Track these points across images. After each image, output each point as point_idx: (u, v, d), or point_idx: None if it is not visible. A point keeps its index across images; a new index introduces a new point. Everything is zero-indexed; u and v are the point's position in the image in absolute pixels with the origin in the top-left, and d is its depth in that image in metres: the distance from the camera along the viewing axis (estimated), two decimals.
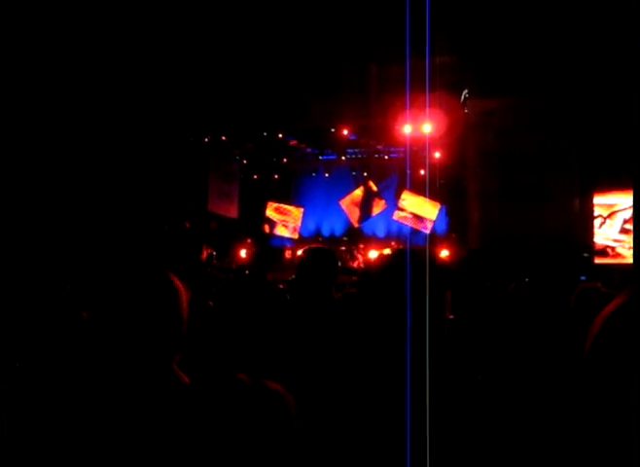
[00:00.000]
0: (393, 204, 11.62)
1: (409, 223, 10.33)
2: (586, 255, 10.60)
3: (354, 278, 7.81)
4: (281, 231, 11.10)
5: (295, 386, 1.44)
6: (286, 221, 10.97)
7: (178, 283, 1.58)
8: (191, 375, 1.55)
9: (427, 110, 10.09)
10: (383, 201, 11.00)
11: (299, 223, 10.98)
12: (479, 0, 9.06)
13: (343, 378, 1.60)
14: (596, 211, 10.94)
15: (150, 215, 10.34)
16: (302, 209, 11.16)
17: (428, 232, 10.32)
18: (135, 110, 9.97)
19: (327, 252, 2.76)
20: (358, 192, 11.01)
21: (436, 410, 1.44)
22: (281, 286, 5.87)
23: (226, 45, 10.13)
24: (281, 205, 11.12)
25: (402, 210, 10.33)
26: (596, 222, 10.93)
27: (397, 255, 1.66)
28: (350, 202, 10.91)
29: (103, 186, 9.41)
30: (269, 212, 11.05)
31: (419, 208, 10.25)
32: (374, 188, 11.04)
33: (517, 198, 10.99)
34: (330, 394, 1.59)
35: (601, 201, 10.97)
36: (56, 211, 8.64)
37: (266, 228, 11.32)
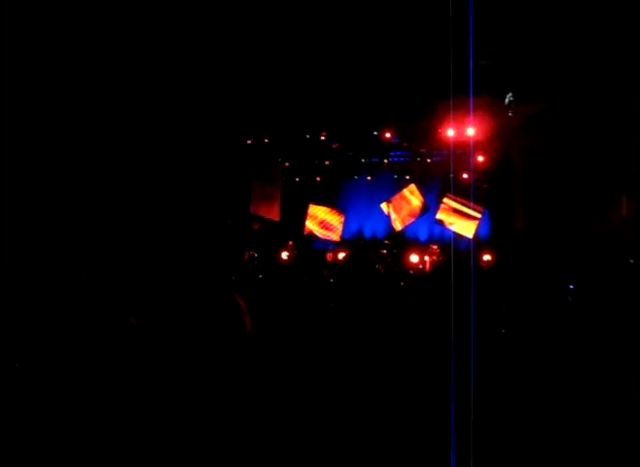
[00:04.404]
0: (435, 207, 11.52)
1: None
2: (631, 261, 10.32)
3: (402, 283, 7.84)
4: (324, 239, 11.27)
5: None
6: (329, 236, 11.10)
7: (242, 304, 1.60)
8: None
9: (470, 113, 9.99)
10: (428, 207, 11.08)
11: (340, 234, 11.12)
12: (521, 4, 8.93)
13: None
14: None
15: (205, 218, 10.51)
16: (343, 218, 11.25)
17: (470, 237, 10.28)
18: (178, 111, 10.15)
19: None
20: (416, 202, 11.02)
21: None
22: None
23: (268, 48, 10.22)
24: (325, 218, 11.21)
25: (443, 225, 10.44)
26: None
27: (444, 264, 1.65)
28: (408, 214, 10.92)
29: (157, 190, 9.60)
30: (313, 226, 11.16)
31: (459, 228, 10.31)
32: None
33: (564, 203, 10.78)
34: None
35: None
36: (105, 211, 8.85)
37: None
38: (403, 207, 11.92)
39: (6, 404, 1.93)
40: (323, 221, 12.15)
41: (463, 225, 10.94)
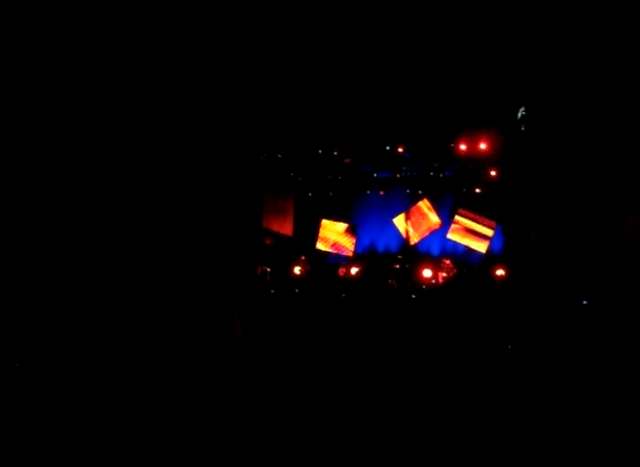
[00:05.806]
0: (448, 222, 11.52)
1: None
2: None
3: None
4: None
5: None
6: (341, 254, 11.48)
7: (238, 327, 1.65)
8: None
9: (483, 127, 10.00)
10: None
11: (353, 251, 11.50)
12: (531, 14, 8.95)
13: None
14: None
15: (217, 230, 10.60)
16: (354, 240, 11.71)
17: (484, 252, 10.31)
18: (192, 125, 10.24)
19: None
20: (434, 218, 11.41)
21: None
22: None
23: (282, 61, 10.31)
24: (337, 240, 11.61)
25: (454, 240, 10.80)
26: None
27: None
28: (427, 229, 11.32)
29: (170, 204, 9.66)
30: (325, 248, 11.64)
31: (471, 245, 10.66)
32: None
33: (578, 216, 10.67)
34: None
35: None
36: (117, 223, 8.91)
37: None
38: (421, 224, 12.17)
39: (6, 403, 1.95)
40: (335, 243, 12.49)
41: (476, 243, 11.07)
